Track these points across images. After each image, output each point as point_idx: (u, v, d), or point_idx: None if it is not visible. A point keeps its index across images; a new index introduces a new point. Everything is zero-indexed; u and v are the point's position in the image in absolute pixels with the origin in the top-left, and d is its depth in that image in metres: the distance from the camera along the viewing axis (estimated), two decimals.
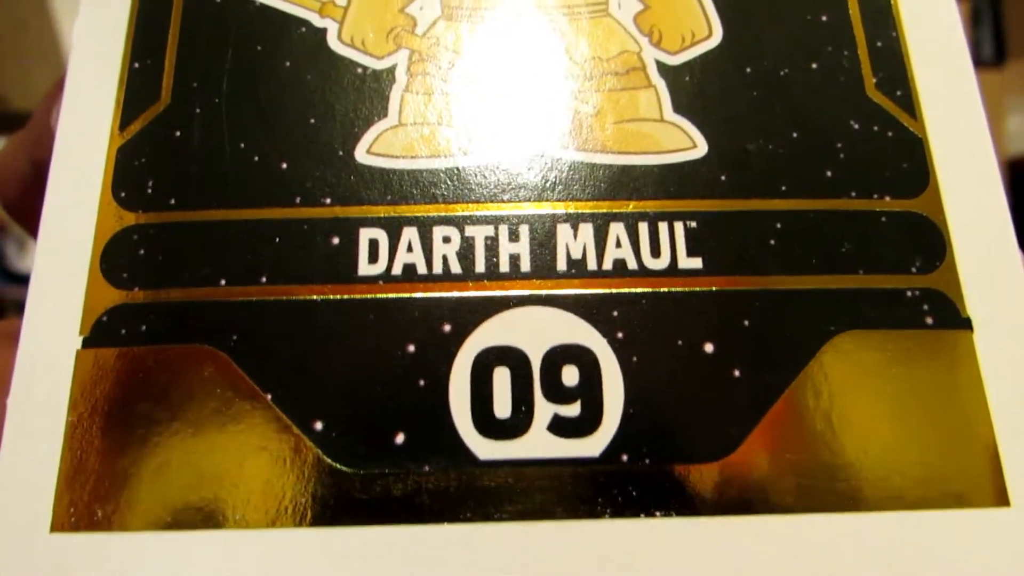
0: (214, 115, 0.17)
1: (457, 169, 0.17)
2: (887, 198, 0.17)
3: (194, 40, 0.18)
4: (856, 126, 0.17)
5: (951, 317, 0.16)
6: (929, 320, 0.16)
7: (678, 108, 0.18)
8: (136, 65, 0.18)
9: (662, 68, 0.18)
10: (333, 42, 0.18)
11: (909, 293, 0.16)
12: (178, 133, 0.17)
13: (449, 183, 0.17)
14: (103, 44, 0.18)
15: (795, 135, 0.17)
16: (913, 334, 0.16)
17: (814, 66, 0.18)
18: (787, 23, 0.18)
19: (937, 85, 0.18)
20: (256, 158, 0.17)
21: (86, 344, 0.16)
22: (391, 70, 0.18)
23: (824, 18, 0.18)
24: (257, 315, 0.16)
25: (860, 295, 0.16)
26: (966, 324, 0.16)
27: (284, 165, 0.17)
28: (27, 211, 0.20)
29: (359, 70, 0.18)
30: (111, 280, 0.16)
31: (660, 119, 0.17)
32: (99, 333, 0.16)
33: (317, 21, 0.18)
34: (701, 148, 0.17)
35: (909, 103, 0.18)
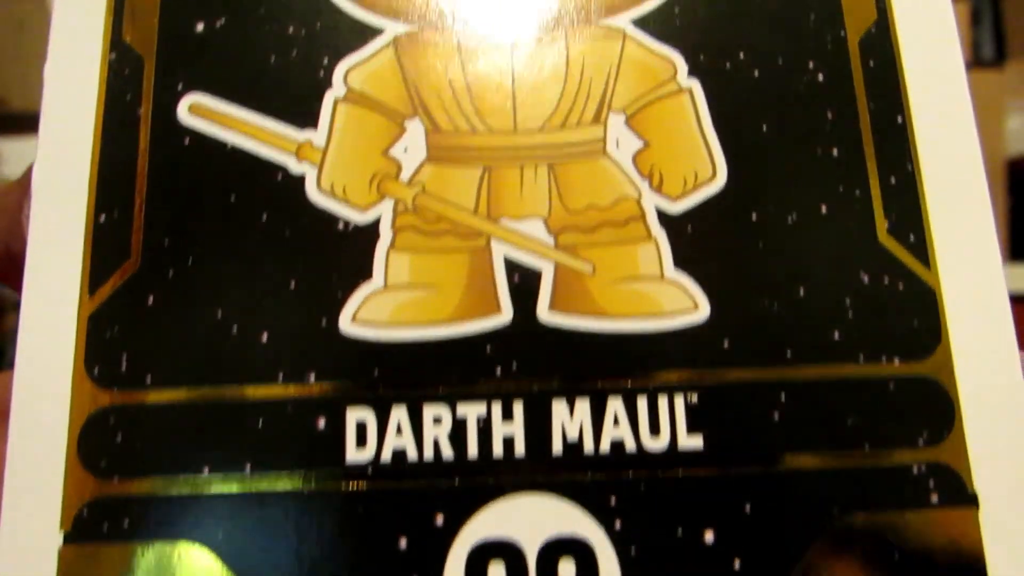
0: (188, 279, 0.16)
1: (446, 341, 0.16)
2: (896, 361, 0.16)
3: (163, 188, 0.17)
4: (866, 279, 0.17)
5: (957, 493, 0.16)
6: (934, 498, 0.16)
7: (679, 261, 0.17)
8: (102, 218, 0.17)
9: (663, 218, 0.17)
10: (312, 191, 0.17)
11: (915, 469, 0.16)
12: (151, 300, 0.16)
13: (439, 355, 0.16)
14: (66, 192, 0.17)
15: (802, 292, 0.16)
16: (917, 516, 0.16)
17: (824, 209, 0.17)
18: (796, 158, 0.17)
19: (953, 229, 0.17)
20: (235, 329, 0.16)
21: (67, 540, 0.15)
22: (374, 224, 0.17)
23: (835, 152, 0.17)
24: (243, 509, 0.15)
25: (865, 475, 0.16)
26: (972, 500, 0.16)
27: (265, 337, 0.16)
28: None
29: (340, 225, 0.17)
30: (89, 467, 0.16)
31: (660, 277, 0.16)
32: (80, 528, 0.15)
33: (294, 166, 0.17)
34: (703, 309, 0.16)
35: (923, 250, 0.17)
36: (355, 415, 0.16)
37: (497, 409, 0.16)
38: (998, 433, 0.16)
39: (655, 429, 0.16)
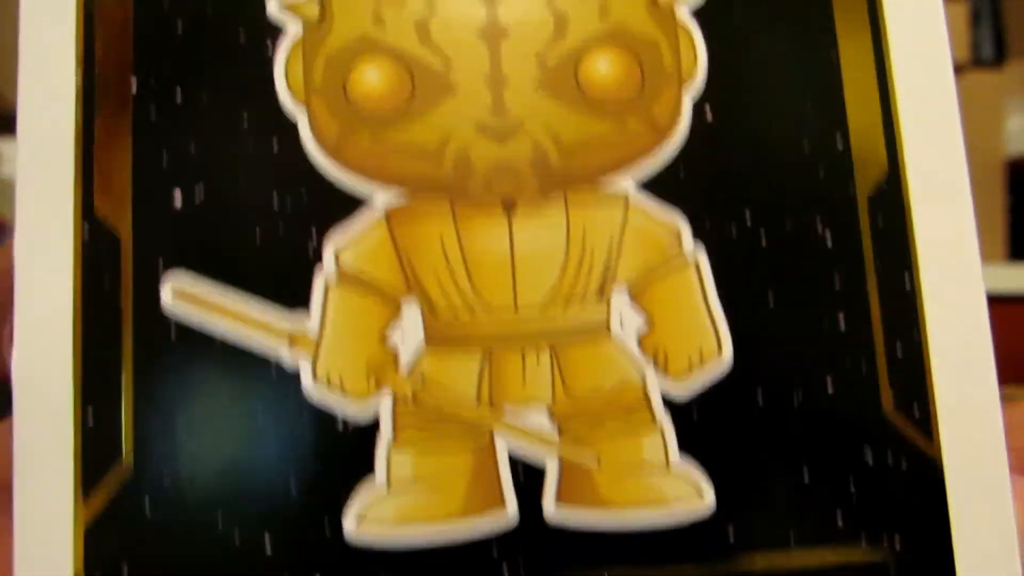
0: (185, 483, 0.16)
1: (453, 546, 0.16)
2: (897, 544, 0.16)
3: (151, 385, 0.16)
4: (870, 459, 0.17)
5: None
6: None
7: (684, 447, 0.16)
8: (90, 417, 0.16)
9: (668, 404, 0.16)
10: (308, 385, 0.16)
11: None
12: (148, 509, 0.16)
13: (445, 559, 0.16)
14: (49, 382, 0.16)
15: (807, 476, 0.16)
16: None
17: (829, 385, 0.17)
18: (803, 331, 0.17)
19: (958, 401, 0.17)
20: (237, 538, 0.16)
21: None
22: (374, 423, 0.16)
23: (842, 323, 0.17)
24: None
25: None
26: None
27: (268, 548, 0.16)
28: None
29: (339, 425, 0.16)
30: None
31: (666, 466, 0.16)
32: None
33: (288, 360, 0.16)
34: (709, 499, 0.16)
35: (927, 423, 0.17)
36: None
37: None
38: None
39: None
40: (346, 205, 0.17)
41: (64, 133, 0.17)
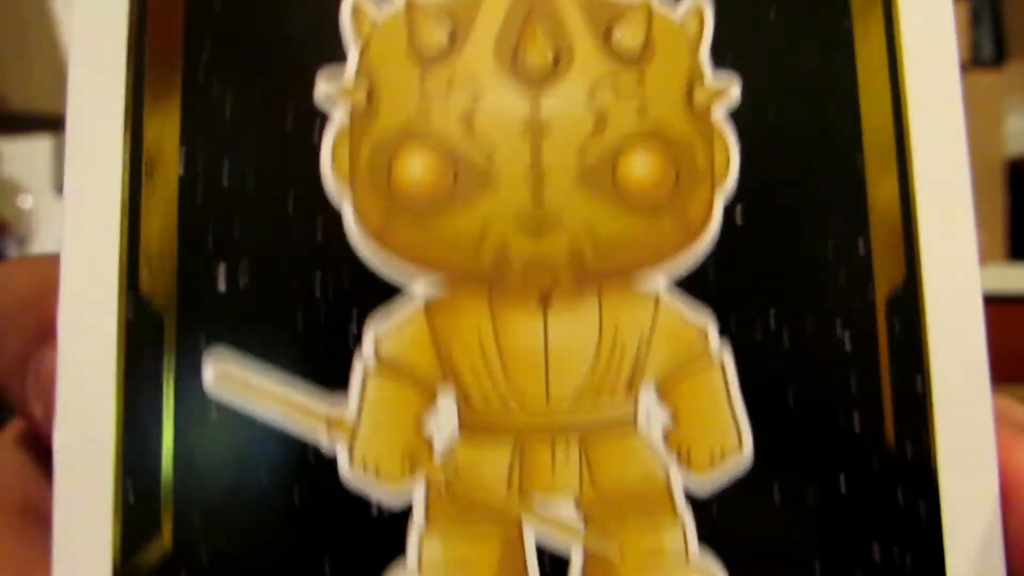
0: (222, 562, 0.16)
1: None
2: None
3: (191, 464, 0.17)
4: (877, 554, 0.17)
5: None
6: None
7: (704, 539, 0.17)
8: (130, 493, 0.16)
9: (689, 498, 0.17)
10: (344, 470, 0.17)
11: None
12: None
13: None
14: (90, 458, 0.17)
15: (818, 569, 0.17)
16: None
17: (843, 485, 0.17)
18: (820, 430, 0.18)
19: (963, 504, 0.18)
20: None
21: None
22: (407, 509, 0.17)
23: (856, 424, 0.18)
24: None
25: None
26: None
27: None
28: None
29: (373, 510, 0.17)
30: None
31: (686, 561, 0.17)
32: None
33: (325, 443, 0.17)
34: None
35: (936, 525, 0.18)
36: None
37: None
38: None
39: None
40: (387, 291, 0.17)
41: (111, 208, 0.17)
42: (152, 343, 0.17)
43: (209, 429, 0.17)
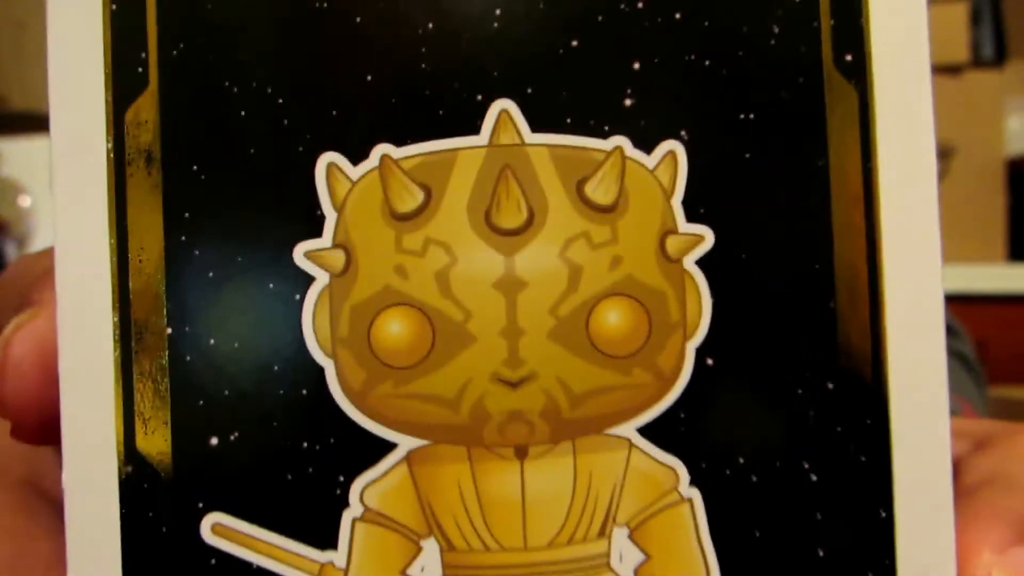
0: None
1: None
2: None
3: None
4: None
5: None
6: None
7: None
8: None
9: None
10: None
11: None
12: None
13: None
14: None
15: None
16: None
17: None
18: (786, 562, 0.19)
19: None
20: None
21: None
22: None
23: (823, 555, 0.19)
24: None
25: None
26: None
27: None
28: None
29: None
30: None
31: None
32: None
33: None
34: None
35: None
36: None
37: None
38: None
39: None
40: (372, 449, 0.18)
41: (104, 371, 0.18)
42: (150, 499, 0.18)
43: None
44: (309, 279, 0.18)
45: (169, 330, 0.18)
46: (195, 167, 0.18)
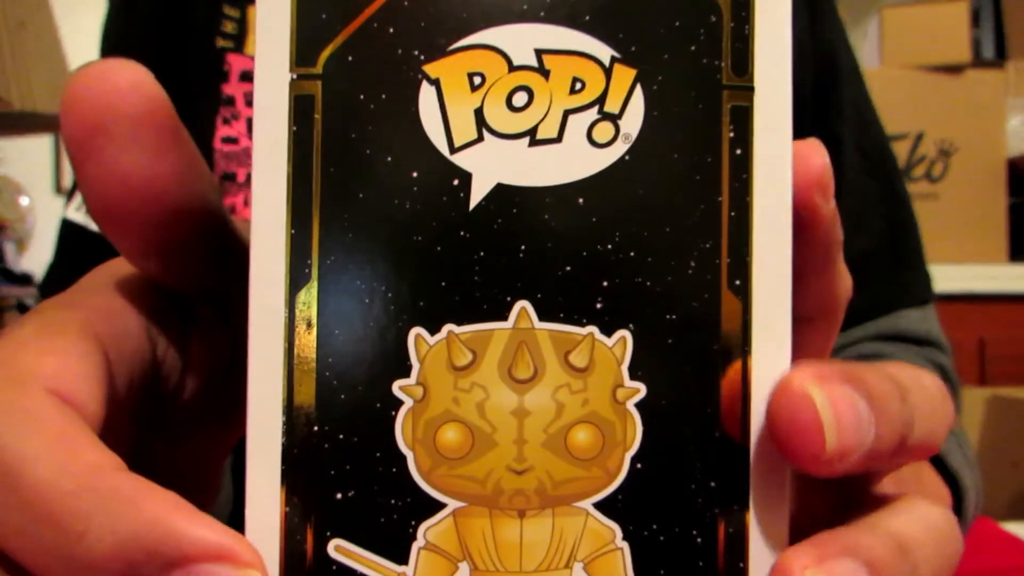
0: None
1: None
2: None
3: None
4: None
5: None
6: None
7: None
8: None
9: None
10: None
11: None
12: None
13: None
14: None
15: None
16: None
17: None
18: None
19: None
20: None
21: None
22: None
23: None
24: None
25: None
26: None
27: None
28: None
29: None
30: None
31: None
32: None
33: None
34: None
35: None
36: None
37: None
38: None
39: None
40: (433, 507, 0.30)
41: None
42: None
43: None
44: (400, 402, 0.30)
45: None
46: (333, 335, 0.30)
